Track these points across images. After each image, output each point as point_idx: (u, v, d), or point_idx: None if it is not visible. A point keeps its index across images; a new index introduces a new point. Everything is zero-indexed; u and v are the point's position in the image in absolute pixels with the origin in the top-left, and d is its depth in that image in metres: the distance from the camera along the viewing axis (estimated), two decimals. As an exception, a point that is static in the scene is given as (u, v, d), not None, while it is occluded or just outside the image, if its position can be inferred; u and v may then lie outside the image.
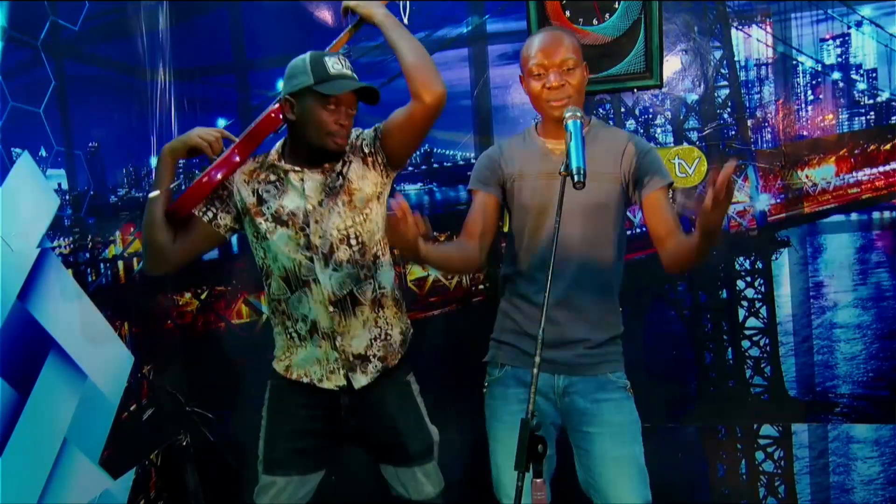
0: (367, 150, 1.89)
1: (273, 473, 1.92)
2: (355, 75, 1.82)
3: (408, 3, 2.04)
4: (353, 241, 1.87)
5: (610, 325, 1.91)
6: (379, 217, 1.91)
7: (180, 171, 2.67)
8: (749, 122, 2.58)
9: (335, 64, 1.79)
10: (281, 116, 1.84)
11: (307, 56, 1.80)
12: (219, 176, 1.83)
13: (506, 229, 2.07)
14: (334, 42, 1.98)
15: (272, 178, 1.86)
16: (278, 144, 1.90)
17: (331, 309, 1.85)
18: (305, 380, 1.91)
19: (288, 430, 1.93)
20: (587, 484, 1.88)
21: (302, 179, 1.84)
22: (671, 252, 1.80)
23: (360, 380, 1.89)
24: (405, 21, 2.05)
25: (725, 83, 2.59)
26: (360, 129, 1.93)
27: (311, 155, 1.84)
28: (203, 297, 2.83)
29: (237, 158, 1.85)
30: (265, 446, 1.94)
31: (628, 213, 2.05)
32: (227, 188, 1.87)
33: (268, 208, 1.85)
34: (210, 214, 1.86)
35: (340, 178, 1.86)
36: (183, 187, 1.87)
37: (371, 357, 1.90)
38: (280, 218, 1.84)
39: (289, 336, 1.92)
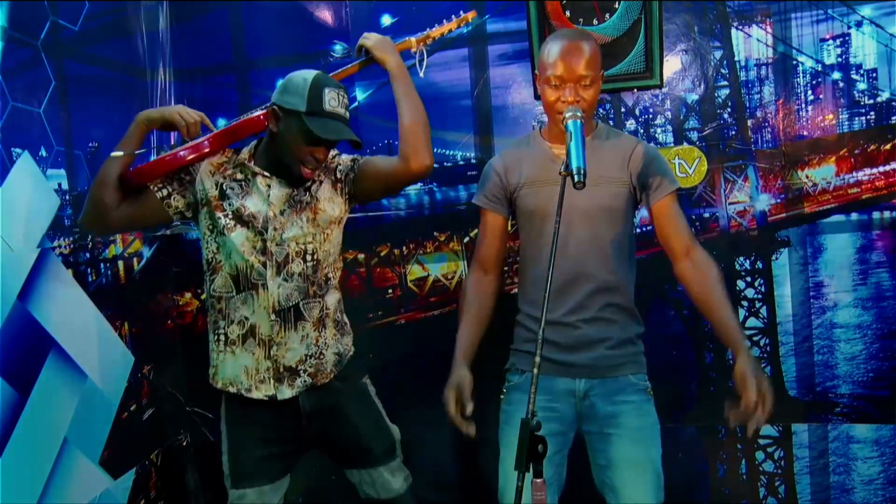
0: (339, 176, 1.91)
1: (242, 486, 1.88)
2: (347, 113, 1.82)
3: (425, 54, 2.04)
4: (308, 257, 1.87)
5: (628, 326, 1.91)
6: (337, 240, 1.95)
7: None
8: (749, 122, 2.58)
9: (332, 100, 1.77)
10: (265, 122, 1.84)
11: (309, 78, 1.77)
12: (187, 157, 1.82)
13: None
14: (340, 70, 1.98)
15: (238, 176, 1.86)
16: (252, 144, 1.90)
17: (272, 317, 1.84)
18: (232, 389, 1.88)
19: (250, 438, 1.89)
20: (602, 484, 1.89)
21: (269, 186, 1.85)
22: (688, 278, 1.88)
23: (285, 392, 1.87)
24: (421, 73, 2.04)
25: (725, 83, 2.59)
26: (338, 152, 1.94)
27: (280, 168, 1.84)
28: (203, 297, 2.82)
29: (207, 148, 1.84)
30: (229, 459, 1.90)
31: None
32: (190, 173, 1.87)
33: (229, 205, 1.84)
34: (165, 192, 1.84)
35: (308, 194, 1.88)
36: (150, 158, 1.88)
37: (301, 372, 1.88)
38: (241, 217, 1.84)
39: (216, 338, 1.89)
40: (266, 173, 1.85)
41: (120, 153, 1.79)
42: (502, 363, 2.00)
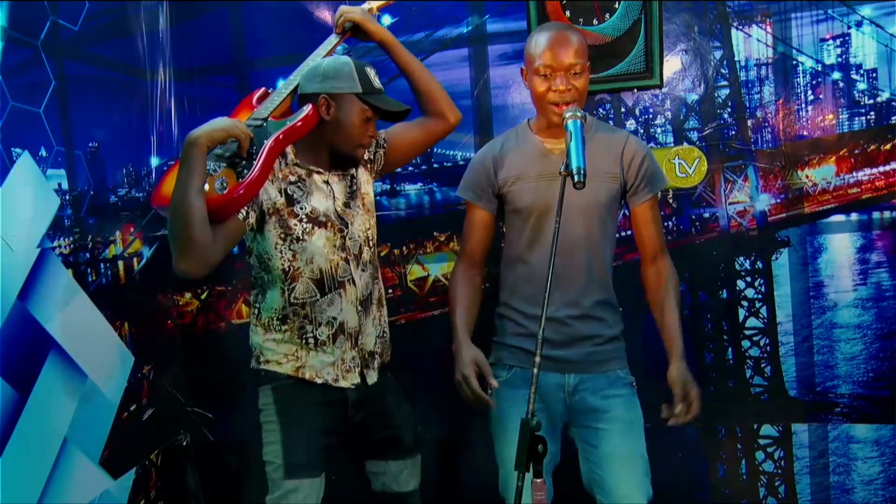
0: (367, 157, 1.94)
1: (298, 477, 1.83)
2: None
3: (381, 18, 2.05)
4: (370, 243, 1.92)
5: (615, 322, 1.93)
6: None
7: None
8: (749, 122, 2.58)
9: (375, 77, 1.83)
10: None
11: (349, 61, 1.80)
12: (268, 170, 1.73)
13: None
14: (324, 48, 1.95)
15: (292, 178, 1.82)
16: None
17: (359, 308, 1.87)
18: (319, 380, 1.85)
19: (308, 429, 1.85)
20: (591, 481, 1.89)
21: (326, 182, 1.85)
22: (650, 282, 1.96)
23: (373, 376, 1.91)
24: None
25: (725, 83, 2.59)
26: None
27: (330, 158, 1.85)
28: (203, 297, 2.83)
29: (274, 159, 1.75)
30: (284, 451, 1.83)
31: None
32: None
33: (301, 209, 1.80)
34: (244, 212, 1.75)
35: (355, 182, 1.91)
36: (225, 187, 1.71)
37: (377, 354, 1.93)
38: (316, 219, 1.81)
39: (304, 342, 1.84)
40: (320, 169, 1.84)
41: (207, 186, 1.65)
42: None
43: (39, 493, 2.01)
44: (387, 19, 2.64)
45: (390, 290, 2.78)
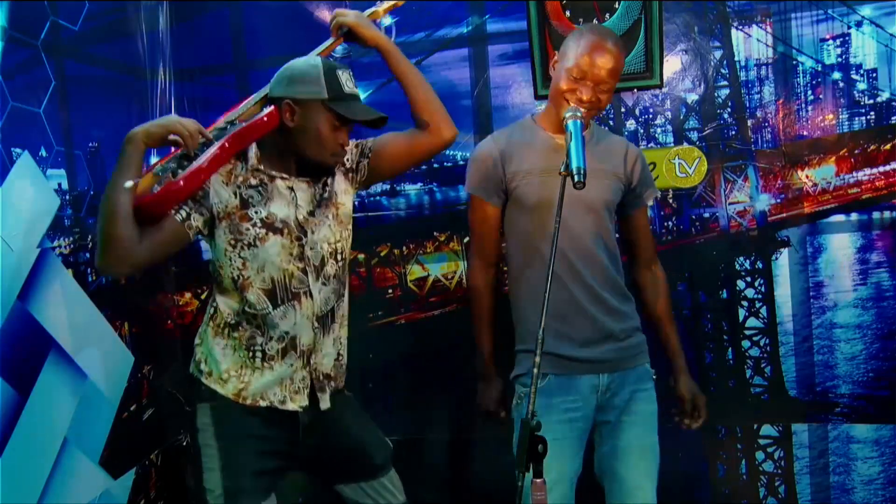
0: (348, 166, 1.83)
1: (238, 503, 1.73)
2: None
3: (393, 28, 1.99)
4: (338, 257, 1.80)
5: (634, 315, 1.95)
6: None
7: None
8: (749, 122, 2.58)
9: (347, 81, 1.70)
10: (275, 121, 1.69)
11: (319, 63, 1.69)
12: (210, 170, 1.64)
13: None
14: (320, 49, 1.88)
15: (253, 182, 1.71)
16: (254, 147, 1.74)
17: (315, 325, 1.75)
18: (263, 403, 1.74)
19: (247, 452, 1.73)
20: (604, 471, 1.90)
21: (290, 188, 1.73)
22: (647, 289, 2.02)
23: (326, 401, 1.79)
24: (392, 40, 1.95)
25: (725, 83, 2.59)
26: None
27: (298, 164, 1.74)
28: (203, 297, 2.83)
29: (226, 155, 1.66)
30: (224, 476, 1.72)
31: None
32: (202, 188, 1.67)
33: (255, 213, 1.69)
34: (184, 213, 1.65)
35: (327, 191, 1.78)
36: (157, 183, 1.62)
37: (332, 377, 1.82)
38: (272, 225, 1.70)
39: (250, 354, 1.73)
40: (284, 175, 1.72)
41: (131, 182, 1.56)
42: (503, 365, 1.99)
43: (39, 493, 2.01)
44: (387, 19, 2.64)
45: (390, 290, 2.78)
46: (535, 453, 1.34)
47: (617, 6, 2.41)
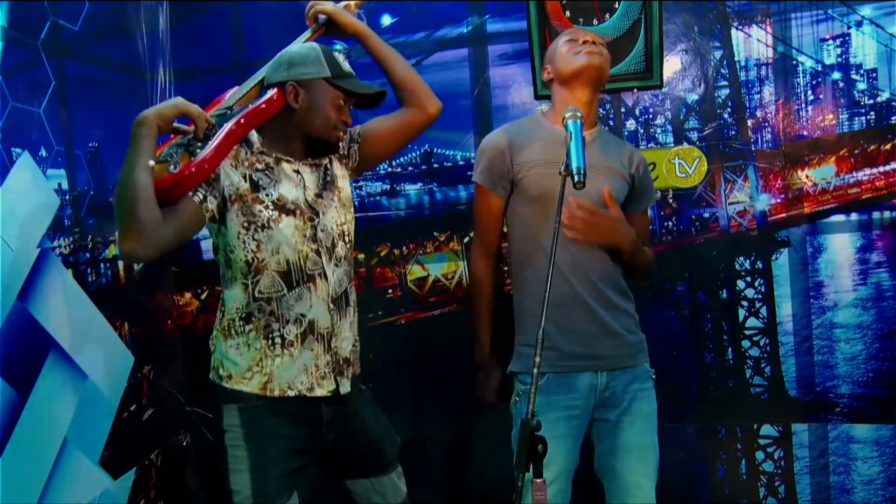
0: (342, 152, 1.86)
1: None
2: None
3: (363, 16, 2.02)
4: (346, 239, 1.82)
5: (635, 315, 1.96)
6: None
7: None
8: (749, 122, 2.58)
9: (344, 61, 1.76)
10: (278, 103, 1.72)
11: (316, 46, 1.75)
12: (225, 150, 1.64)
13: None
14: (302, 39, 1.91)
15: (259, 165, 1.72)
16: (254, 131, 1.75)
17: (331, 306, 1.75)
18: (292, 393, 1.72)
19: (278, 452, 1.72)
20: (603, 469, 1.91)
21: (297, 171, 1.75)
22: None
23: (346, 385, 1.79)
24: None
25: (725, 83, 2.59)
26: None
27: (302, 146, 1.77)
28: (203, 297, 2.83)
29: (236, 137, 1.67)
30: (254, 478, 1.70)
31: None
32: (214, 171, 1.66)
33: (267, 195, 1.70)
34: (201, 195, 1.64)
35: (328, 174, 1.82)
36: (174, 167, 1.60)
37: (351, 361, 1.82)
38: (284, 206, 1.71)
39: (269, 342, 1.71)
40: (289, 158, 1.75)
41: (153, 161, 1.54)
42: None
43: (39, 493, 2.01)
44: (387, 19, 2.64)
45: (390, 290, 2.78)
46: (534, 453, 1.34)
47: (617, 6, 2.41)
